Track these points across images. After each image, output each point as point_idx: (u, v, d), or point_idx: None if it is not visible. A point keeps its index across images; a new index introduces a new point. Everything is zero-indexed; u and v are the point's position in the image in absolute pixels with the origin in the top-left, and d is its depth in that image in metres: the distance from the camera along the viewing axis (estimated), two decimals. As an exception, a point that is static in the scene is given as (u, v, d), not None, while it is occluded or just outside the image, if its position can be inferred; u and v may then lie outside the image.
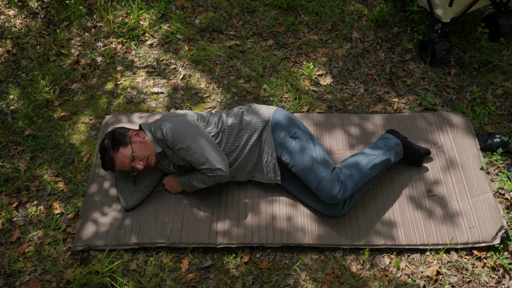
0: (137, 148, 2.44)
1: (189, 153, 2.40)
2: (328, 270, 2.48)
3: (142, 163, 2.46)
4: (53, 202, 2.75)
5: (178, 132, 2.40)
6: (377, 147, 2.63)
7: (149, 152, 2.48)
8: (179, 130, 2.41)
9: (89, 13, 3.71)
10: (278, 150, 2.56)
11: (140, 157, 2.45)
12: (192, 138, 2.40)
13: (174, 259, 2.53)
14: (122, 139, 2.44)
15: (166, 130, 2.41)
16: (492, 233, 2.50)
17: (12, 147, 2.99)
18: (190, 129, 2.43)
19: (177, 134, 2.40)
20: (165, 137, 2.41)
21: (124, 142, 2.44)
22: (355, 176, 2.50)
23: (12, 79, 3.34)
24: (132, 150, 2.43)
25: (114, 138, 2.45)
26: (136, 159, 2.45)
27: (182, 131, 2.41)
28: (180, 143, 2.40)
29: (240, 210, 2.64)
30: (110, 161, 2.44)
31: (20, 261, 2.53)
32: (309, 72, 3.31)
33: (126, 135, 2.47)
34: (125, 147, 2.43)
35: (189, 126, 2.43)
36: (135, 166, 2.46)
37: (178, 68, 3.40)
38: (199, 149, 2.39)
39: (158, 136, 2.45)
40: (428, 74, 3.29)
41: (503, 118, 3.05)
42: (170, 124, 2.42)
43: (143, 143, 2.47)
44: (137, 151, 2.44)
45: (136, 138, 2.48)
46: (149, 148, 2.48)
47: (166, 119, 2.45)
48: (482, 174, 2.74)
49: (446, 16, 3.11)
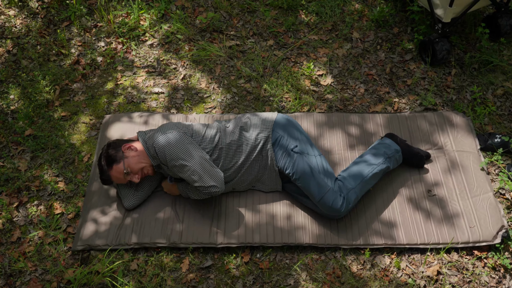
0: (129, 162, 2.45)
1: (182, 171, 2.39)
2: (329, 270, 2.48)
3: (137, 177, 2.48)
4: (53, 202, 2.75)
5: (171, 150, 2.39)
6: (377, 155, 2.62)
7: (144, 164, 2.48)
8: (172, 149, 2.39)
9: (89, 13, 3.71)
10: (280, 162, 2.55)
11: (134, 171, 2.47)
12: (185, 156, 2.38)
13: (174, 259, 2.53)
14: (114, 156, 2.46)
15: (159, 149, 2.40)
16: (492, 233, 2.50)
17: (13, 147, 2.99)
18: (183, 147, 2.40)
19: (170, 153, 2.39)
20: (158, 155, 2.42)
21: (116, 159, 2.46)
22: (357, 189, 2.52)
23: (12, 79, 3.34)
24: (124, 166, 2.44)
25: (108, 155, 2.47)
26: (130, 174, 2.47)
27: (175, 149, 2.39)
28: (173, 161, 2.39)
29: (240, 210, 2.64)
30: (107, 178, 2.49)
31: (21, 261, 2.53)
32: (309, 72, 3.31)
33: (119, 151, 2.48)
34: (118, 164, 2.45)
35: (182, 144, 2.41)
36: (131, 180, 2.48)
37: (178, 68, 3.40)
38: (191, 167, 2.38)
39: (151, 153, 2.47)
40: (428, 74, 3.30)
41: (503, 118, 3.06)
42: (163, 142, 2.40)
43: (137, 156, 2.47)
44: (130, 165, 2.45)
45: (129, 153, 2.48)
46: (143, 160, 2.48)
47: (159, 136, 2.42)
48: (482, 174, 2.74)
49: (446, 16, 3.11)
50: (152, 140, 2.45)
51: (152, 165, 2.51)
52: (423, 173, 2.76)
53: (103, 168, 2.48)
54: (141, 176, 2.50)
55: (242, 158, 2.53)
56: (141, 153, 2.49)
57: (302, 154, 2.51)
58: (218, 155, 2.52)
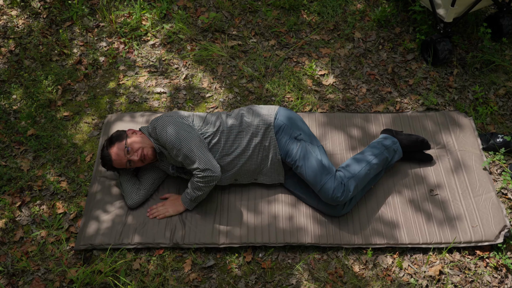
0: (131, 141, 2.51)
1: (181, 153, 2.44)
2: (331, 269, 2.48)
3: (137, 154, 2.50)
4: (56, 202, 2.75)
5: (171, 132, 2.45)
6: (375, 148, 2.66)
7: (144, 144, 2.52)
8: (172, 130, 2.45)
9: (91, 13, 3.71)
10: (282, 152, 2.56)
11: (134, 148, 2.50)
12: (184, 139, 2.44)
13: (177, 258, 2.54)
14: (118, 136, 2.54)
15: (160, 130, 2.47)
16: (495, 232, 2.50)
17: (15, 147, 2.99)
18: (183, 129, 2.46)
19: (170, 134, 2.44)
20: (159, 136, 2.48)
21: (120, 138, 2.53)
22: (356, 177, 2.53)
23: (14, 79, 3.35)
24: (126, 142, 2.49)
25: (111, 136, 2.56)
26: (130, 151, 2.49)
27: (175, 131, 2.45)
28: (172, 143, 2.44)
29: (242, 210, 2.64)
30: (108, 157, 2.51)
31: (23, 260, 2.54)
32: (311, 72, 3.31)
33: (123, 133, 2.56)
34: (120, 142, 2.52)
35: (181, 127, 2.47)
36: (130, 158, 2.50)
37: (180, 68, 3.40)
38: (189, 149, 2.42)
39: (153, 136, 2.53)
40: (430, 74, 3.29)
41: (505, 118, 3.05)
42: (164, 124, 2.48)
43: (139, 137, 2.54)
44: (132, 144, 2.50)
45: (132, 135, 2.55)
46: (144, 141, 2.53)
47: (161, 119, 2.51)
48: (484, 174, 2.74)
49: (448, 16, 3.11)
50: (153, 123, 2.52)
51: (153, 147, 2.54)
52: (425, 173, 2.76)
53: (106, 147, 2.53)
54: (140, 156, 2.50)
55: (243, 143, 2.55)
56: (144, 137, 2.56)
57: (304, 143, 2.54)
58: (219, 139, 2.55)
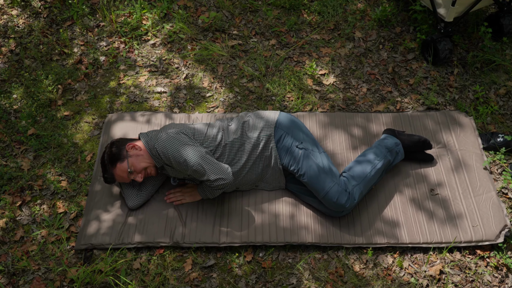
0: (133, 161, 2.47)
1: (187, 168, 2.40)
2: (331, 269, 2.48)
3: (140, 176, 2.49)
4: (56, 201, 2.75)
5: (173, 149, 2.40)
6: (378, 151, 2.64)
7: (147, 164, 2.49)
8: (173, 147, 2.40)
9: (91, 12, 3.71)
10: (284, 160, 2.55)
11: (137, 170, 2.47)
12: (187, 153, 2.39)
13: (177, 258, 2.54)
14: (118, 154, 2.47)
15: (161, 149, 2.42)
16: (495, 232, 2.50)
17: (16, 146, 3.00)
18: (184, 144, 2.42)
19: (172, 151, 2.40)
20: (161, 156, 2.44)
21: (120, 157, 2.47)
22: (361, 185, 2.54)
23: (15, 79, 3.35)
24: (128, 165, 2.45)
25: (111, 153, 2.48)
26: (134, 173, 2.48)
27: (176, 147, 2.40)
28: (177, 158, 2.40)
29: (243, 209, 2.64)
30: (110, 176, 2.50)
31: (24, 260, 2.54)
32: (311, 71, 3.31)
33: (123, 149, 2.49)
34: (122, 162, 2.46)
35: (182, 142, 2.42)
36: (134, 179, 2.50)
37: (180, 67, 3.40)
38: (195, 163, 2.38)
39: (154, 154, 2.48)
40: (431, 74, 3.29)
41: (506, 118, 3.05)
42: (164, 142, 2.42)
43: (140, 155, 2.49)
44: (134, 164, 2.46)
45: (132, 152, 2.49)
46: (146, 160, 2.49)
47: (160, 137, 2.44)
48: (485, 174, 2.74)
49: (449, 16, 3.11)
50: (153, 141, 2.47)
51: (156, 166, 2.52)
52: (426, 172, 2.76)
53: (107, 167, 2.48)
54: (144, 175, 2.50)
55: (245, 156, 2.54)
56: (144, 153, 2.50)
57: (306, 151, 2.52)
58: (221, 153, 2.52)
